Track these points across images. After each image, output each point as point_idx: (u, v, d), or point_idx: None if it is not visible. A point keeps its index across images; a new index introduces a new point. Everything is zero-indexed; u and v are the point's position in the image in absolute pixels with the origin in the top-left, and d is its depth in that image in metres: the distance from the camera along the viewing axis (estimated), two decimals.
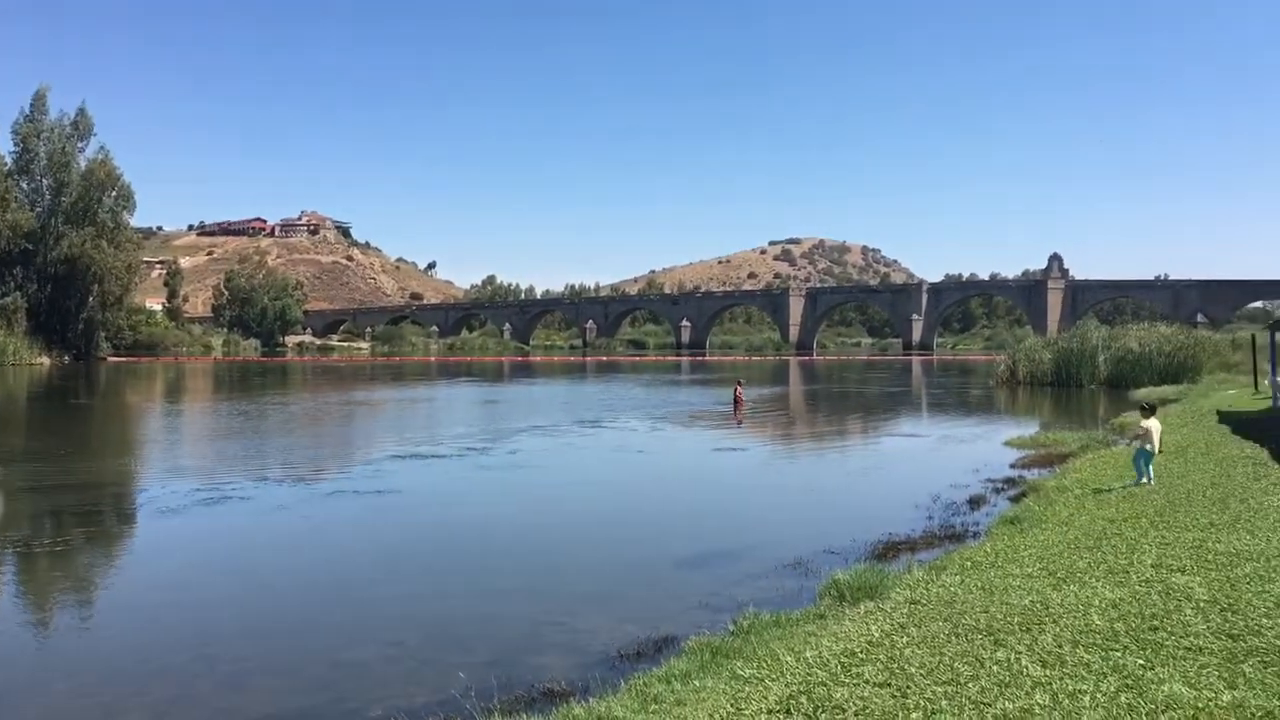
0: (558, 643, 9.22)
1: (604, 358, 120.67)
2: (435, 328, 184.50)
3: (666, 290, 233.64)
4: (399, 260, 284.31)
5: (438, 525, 15.74)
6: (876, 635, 7.50)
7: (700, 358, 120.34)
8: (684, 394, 50.61)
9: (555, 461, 23.43)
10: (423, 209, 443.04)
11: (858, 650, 7.12)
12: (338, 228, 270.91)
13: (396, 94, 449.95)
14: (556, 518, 16.31)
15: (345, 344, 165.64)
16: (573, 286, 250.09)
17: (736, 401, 37.09)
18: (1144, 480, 14.23)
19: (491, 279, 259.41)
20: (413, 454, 23.49)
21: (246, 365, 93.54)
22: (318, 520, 15.83)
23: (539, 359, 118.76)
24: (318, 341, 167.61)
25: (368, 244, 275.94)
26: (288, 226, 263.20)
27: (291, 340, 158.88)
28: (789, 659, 7.08)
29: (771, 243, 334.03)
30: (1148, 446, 14.50)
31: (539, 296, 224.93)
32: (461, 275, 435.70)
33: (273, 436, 29.63)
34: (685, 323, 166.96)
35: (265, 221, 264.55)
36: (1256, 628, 6.63)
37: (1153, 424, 14.70)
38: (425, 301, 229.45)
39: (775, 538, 13.76)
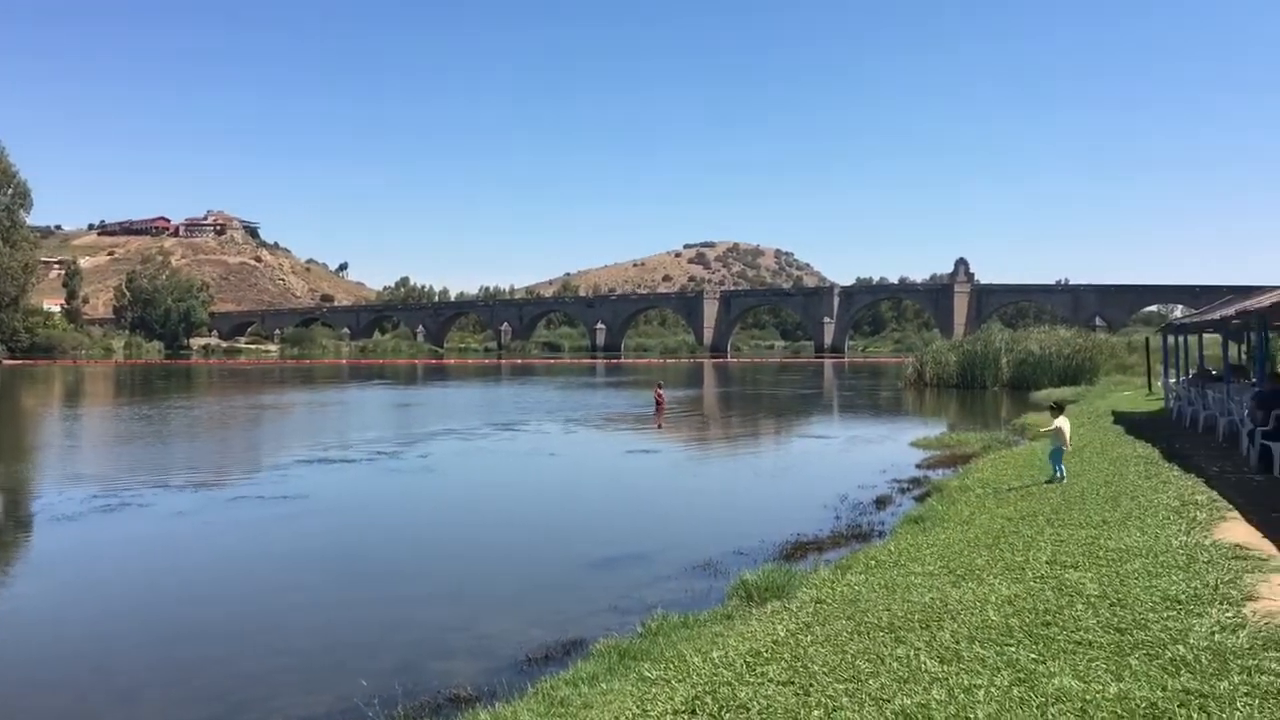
0: (465, 648, 9.16)
1: (519, 360, 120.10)
2: (347, 330, 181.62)
3: (582, 293, 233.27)
4: (309, 261, 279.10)
5: (345, 531, 15.50)
6: (782, 634, 7.59)
7: (615, 360, 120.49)
8: (599, 397, 50.63)
9: (467, 465, 23.26)
10: (334, 209, 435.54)
11: (763, 650, 7.19)
12: (245, 228, 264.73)
13: (305, 90, 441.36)
14: (466, 522, 16.19)
15: (253, 346, 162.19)
16: (488, 289, 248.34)
17: (658, 404, 37.30)
18: (1058, 476, 14.66)
19: (405, 281, 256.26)
20: (321, 459, 23.10)
21: (149, 368, 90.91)
22: (220, 527, 15.48)
23: (453, 362, 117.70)
24: (224, 344, 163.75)
25: (276, 244, 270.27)
26: (193, 226, 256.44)
27: (197, 343, 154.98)
28: (696, 660, 7.13)
29: (686, 246, 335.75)
30: (1061, 444, 14.98)
31: (453, 299, 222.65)
32: (374, 277, 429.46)
33: (175, 441, 28.89)
34: (600, 325, 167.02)
35: (169, 221, 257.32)
36: (1143, 621, 6.86)
37: (1063, 422, 15.18)
38: (336, 303, 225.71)
39: (686, 540, 13.85)
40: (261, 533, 15.11)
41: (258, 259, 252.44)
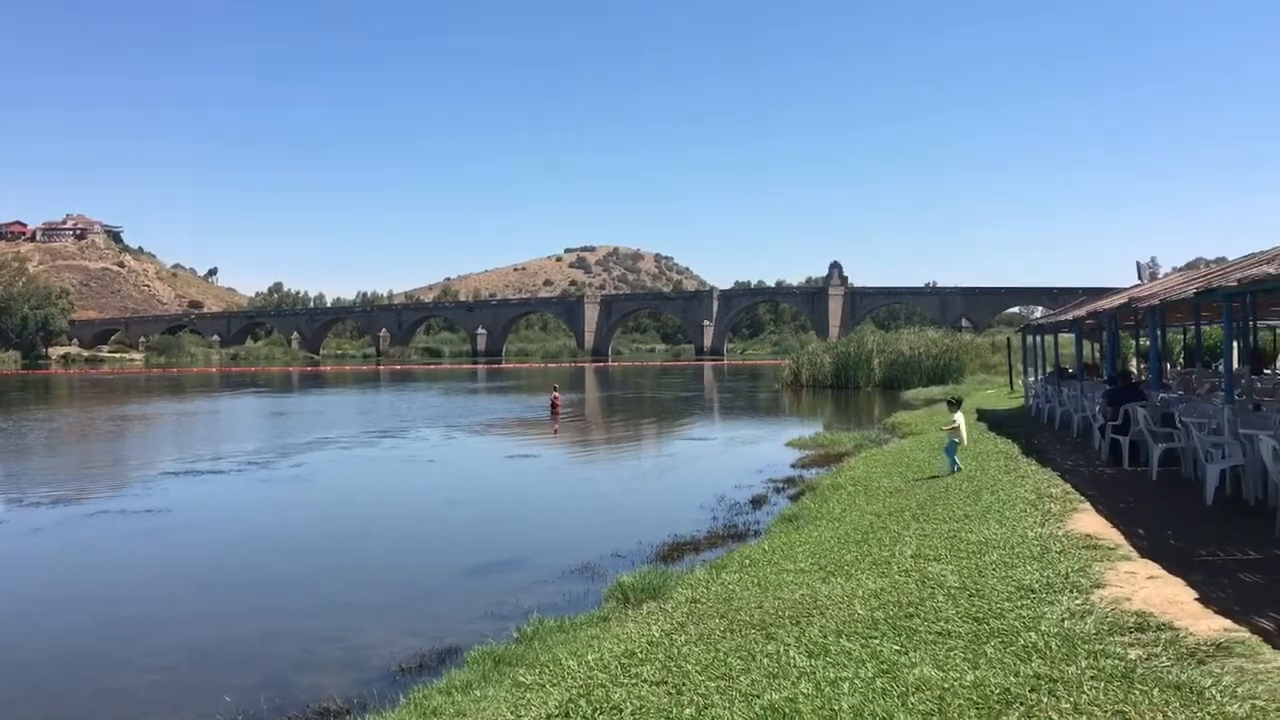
0: (336, 659, 8.99)
1: (398, 366, 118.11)
2: (217, 337, 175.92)
3: (462, 298, 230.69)
4: (176, 267, 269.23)
5: (212, 544, 15.04)
6: (657, 635, 7.67)
7: (497, 365, 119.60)
8: (480, 402, 50.22)
9: (342, 474, 22.81)
10: (202, 213, 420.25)
11: (638, 650, 7.26)
12: (108, 232, 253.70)
13: (169, 90, 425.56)
14: (341, 532, 15.87)
15: (117, 355, 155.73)
16: (365, 294, 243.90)
17: (554, 408, 37.29)
18: (955, 469, 15.18)
19: (278, 286, 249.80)
20: (189, 470, 22.36)
21: (4, 379, 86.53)
22: (81, 543, 14.86)
23: (330, 369, 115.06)
24: (86, 353, 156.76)
25: (141, 249, 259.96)
26: (51, 230, 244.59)
27: (56, 352, 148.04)
28: (571, 663, 7.15)
29: (567, 250, 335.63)
30: (957, 439, 15.54)
31: (330, 305, 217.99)
32: (246, 283, 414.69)
33: (32, 455, 27.58)
34: (481, 330, 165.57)
35: (25, 225, 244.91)
36: (999, 611, 7.14)
37: (959, 417, 15.75)
38: (206, 310, 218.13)
39: (565, 543, 13.85)
40: (125, 548, 14.56)
41: (121, 264, 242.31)
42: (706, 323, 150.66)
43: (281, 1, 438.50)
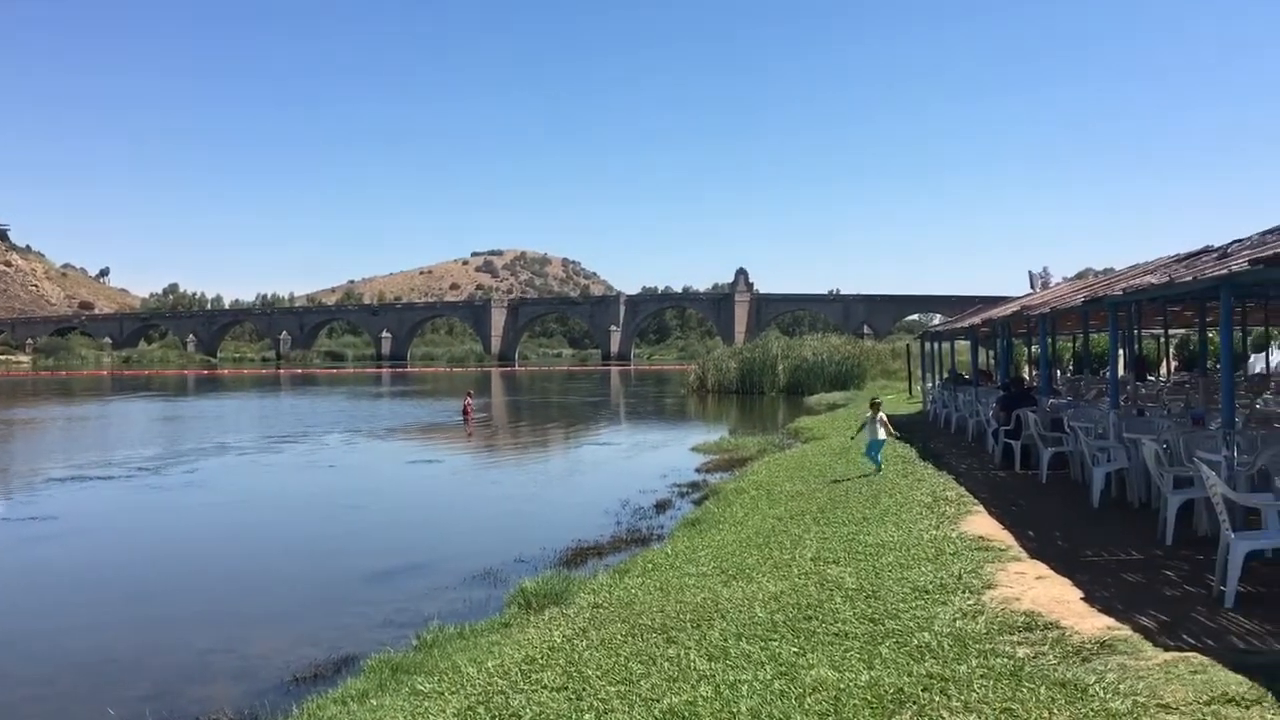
0: (228, 670, 8.74)
1: (299, 370, 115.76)
2: (109, 339, 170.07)
3: (366, 301, 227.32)
4: (65, 266, 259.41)
5: (99, 552, 14.53)
6: (558, 640, 7.63)
7: (401, 369, 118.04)
8: (385, 406, 49.50)
9: (238, 480, 22.22)
10: (93, 210, 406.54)
11: (538, 656, 7.21)
12: None
13: (59, 86, 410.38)
14: (235, 539, 15.47)
15: (2, 357, 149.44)
16: (265, 297, 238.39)
17: (466, 412, 36.96)
18: (878, 468, 15.52)
19: (174, 288, 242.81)
20: (76, 476, 21.57)
21: None
22: None
23: (227, 372, 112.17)
24: None
25: (29, 248, 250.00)
26: None
27: None
28: (471, 670, 7.06)
29: (474, 254, 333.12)
30: (879, 438, 15.87)
31: (228, 307, 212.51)
32: (139, 283, 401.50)
33: None
34: (386, 334, 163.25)
35: None
36: (894, 612, 7.28)
37: (882, 417, 16.09)
38: (97, 311, 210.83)
39: (467, 549, 13.70)
40: (6, 557, 13.98)
41: (7, 264, 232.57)
42: (614, 328, 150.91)
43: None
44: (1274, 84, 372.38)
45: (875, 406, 16.62)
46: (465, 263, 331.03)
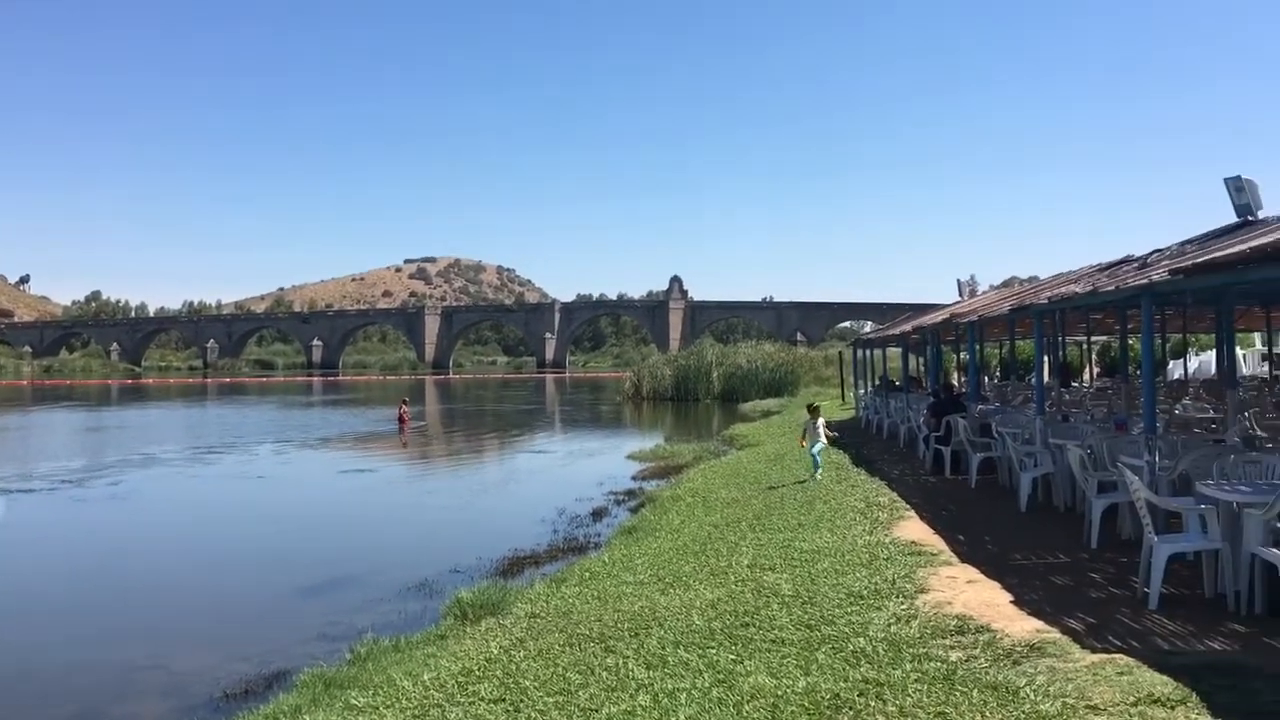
0: (155, 687, 8.54)
1: (227, 379, 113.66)
2: (29, 348, 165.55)
3: (297, 308, 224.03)
4: None
5: (19, 568, 14.13)
6: (495, 651, 7.59)
7: (333, 378, 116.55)
8: (316, 415, 48.78)
9: (165, 493, 21.74)
10: (11, 217, 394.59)
11: (475, 668, 7.16)
12: None
13: None
14: (162, 553, 15.13)
15: None
16: (192, 304, 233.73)
17: (401, 421, 36.60)
18: (817, 474, 15.68)
19: (96, 295, 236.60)
20: None
21: None
22: None
23: (153, 381, 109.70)
24: None
25: None
26: None
27: None
28: (406, 683, 6.99)
29: (407, 261, 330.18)
30: (819, 444, 16.04)
31: (153, 314, 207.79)
32: (61, 291, 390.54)
33: None
34: (317, 342, 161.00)
35: None
36: (830, 618, 7.35)
37: (821, 422, 16.24)
38: (16, 320, 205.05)
39: (402, 560, 13.55)
40: None
41: None
42: (549, 335, 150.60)
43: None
44: (1195, 103, 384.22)
45: (813, 411, 16.82)
46: (398, 270, 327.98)
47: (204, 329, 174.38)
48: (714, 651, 6.76)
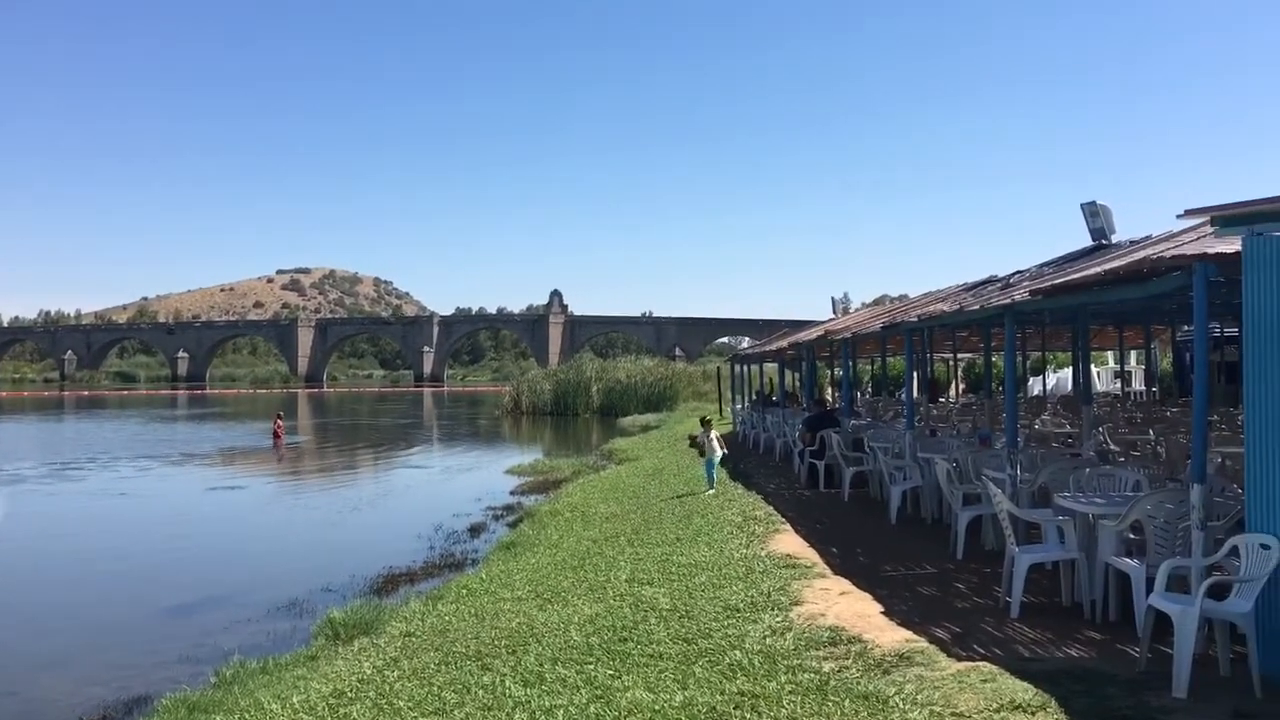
0: (7, 715, 8.11)
1: (86, 392, 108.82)
2: None
3: (162, 319, 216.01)
4: None
5: None
6: (368, 672, 7.43)
7: (200, 391, 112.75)
8: (181, 430, 47.09)
9: (20, 510, 20.67)
10: None
11: (347, 690, 7.00)
12: None
13: None
14: (14, 573, 14.43)
15: None
16: (48, 313, 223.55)
17: (276, 436, 35.58)
18: (712, 484, 15.88)
19: None
20: None
21: None
22: None
23: (5, 394, 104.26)
24: None
25: None
26: None
27: None
28: (274, 706, 6.79)
29: (280, 271, 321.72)
30: (715, 457, 16.23)
31: (5, 324, 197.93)
32: None
33: None
34: (183, 354, 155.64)
35: None
36: (707, 631, 7.42)
37: (715, 435, 16.42)
38: None
39: (271, 579, 13.18)
40: None
41: None
42: (427, 349, 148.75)
43: None
44: (1049, 123, 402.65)
45: (706, 424, 17.06)
46: (270, 280, 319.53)
47: (61, 339, 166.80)
48: (592, 667, 6.75)
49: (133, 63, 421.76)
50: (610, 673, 6.60)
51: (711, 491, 15.66)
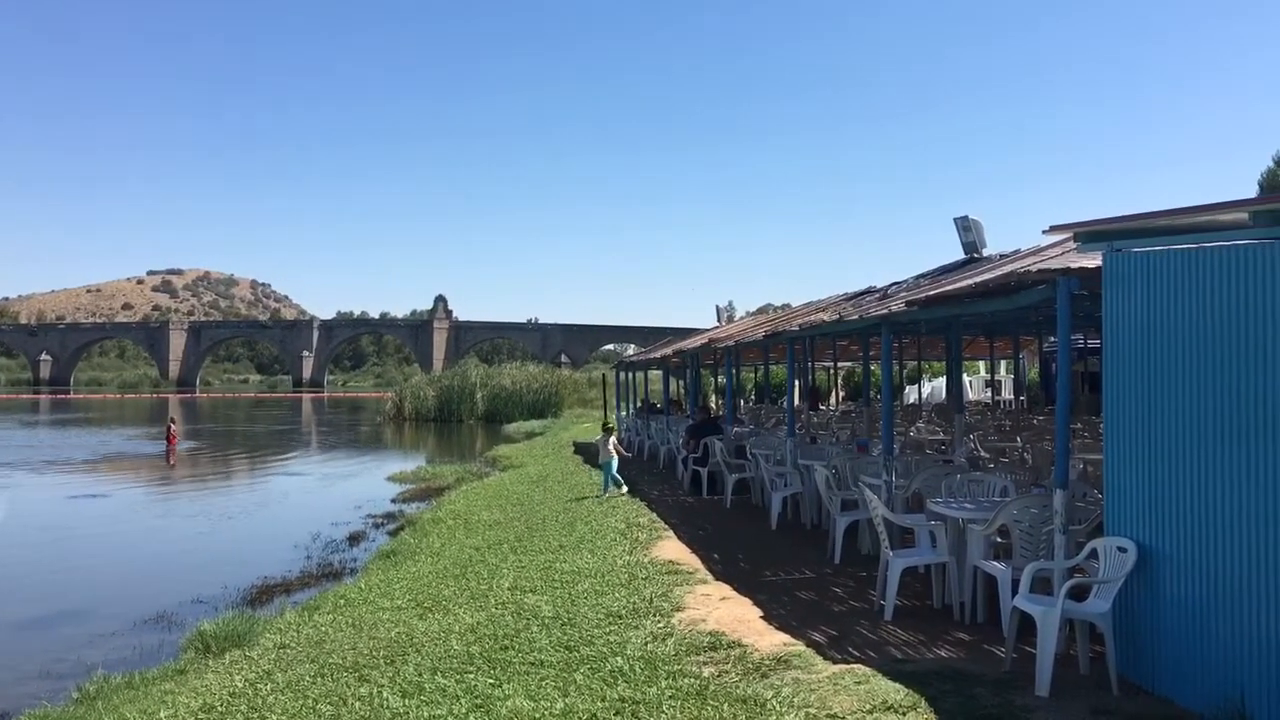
0: None
1: None
2: None
3: (23, 320, 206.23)
4: None
5: None
6: (240, 685, 7.22)
7: (64, 395, 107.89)
8: (43, 436, 45.02)
9: None
10: None
11: (218, 704, 6.79)
12: None
13: None
14: None
15: None
16: None
17: (169, 441, 34.23)
18: (612, 490, 16.00)
19: None
20: None
21: None
22: None
23: None
24: None
25: None
26: None
27: None
28: None
29: (150, 272, 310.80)
30: (613, 461, 16.37)
31: None
32: None
33: None
34: (45, 356, 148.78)
35: None
36: (589, 638, 7.42)
37: (612, 440, 16.52)
38: None
39: (138, 591, 12.70)
40: None
41: None
42: (306, 353, 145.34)
43: None
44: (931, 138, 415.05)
45: (607, 430, 17.10)
46: (140, 281, 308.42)
47: None
48: (472, 676, 6.68)
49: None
50: (491, 681, 6.54)
51: (624, 492, 15.89)
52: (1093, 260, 6.49)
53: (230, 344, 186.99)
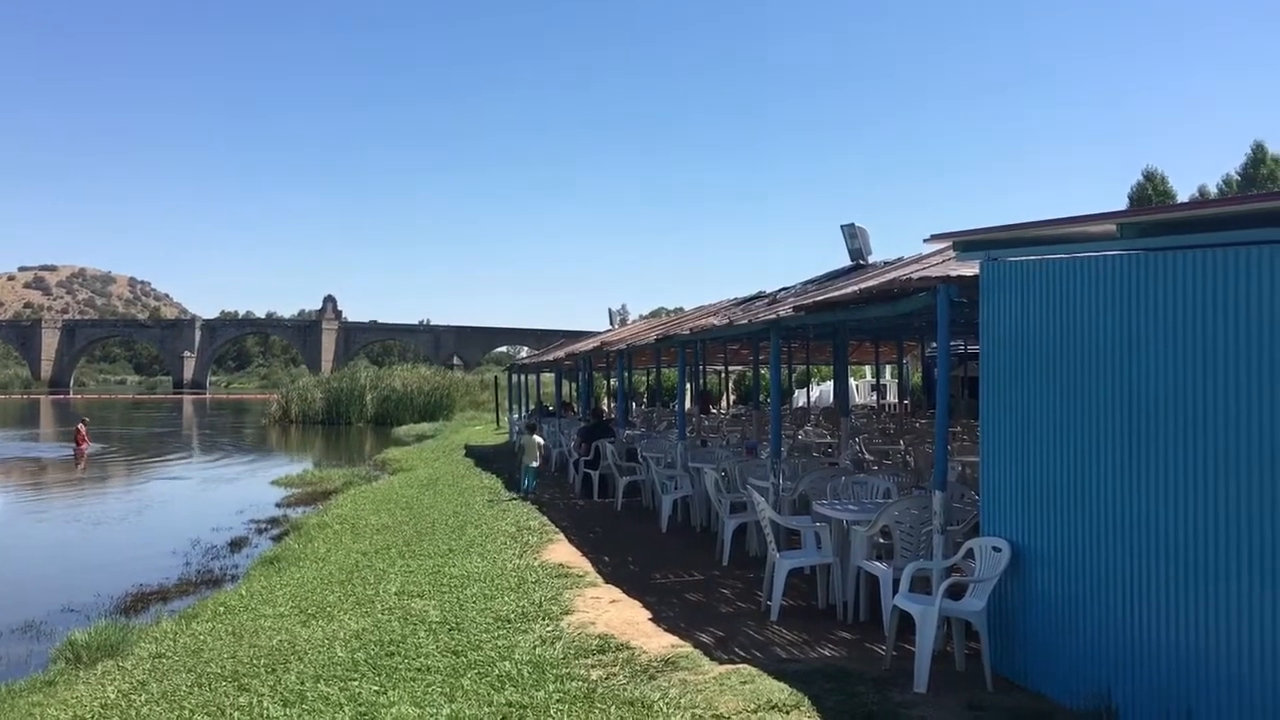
0: None
1: None
2: None
3: None
4: None
5: None
6: (112, 697, 6.98)
7: None
8: None
9: None
10: None
11: (88, 716, 6.58)
12: None
13: None
14: None
15: None
16: None
17: (78, 443, 32.78)
18: (528, 488, 16.16)
19: None
20: None
21: None
22: None
23: None
24: None
25: None
26: None
27: None
28: None
29: (22, 269, 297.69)
30: (533, 464, 16.40)
31: None
32: None
33: None
34: None
35: None
36: (477, 643, 7.36)
37: (536, 440, 16.62)
38: None
39: (4, 600, 12.13)
40: None
41: None
42: (188, 354, 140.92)
43: None
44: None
45: (532, 430, 17.11)
46: (12, 278, 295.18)
47: None
48: (356, 684, 6.57)
49: None
50: (375, 688, 6.45)
51: (528, 490, 16.13)
52: (971, 268, 6.71)
53: (107, 343, 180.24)
